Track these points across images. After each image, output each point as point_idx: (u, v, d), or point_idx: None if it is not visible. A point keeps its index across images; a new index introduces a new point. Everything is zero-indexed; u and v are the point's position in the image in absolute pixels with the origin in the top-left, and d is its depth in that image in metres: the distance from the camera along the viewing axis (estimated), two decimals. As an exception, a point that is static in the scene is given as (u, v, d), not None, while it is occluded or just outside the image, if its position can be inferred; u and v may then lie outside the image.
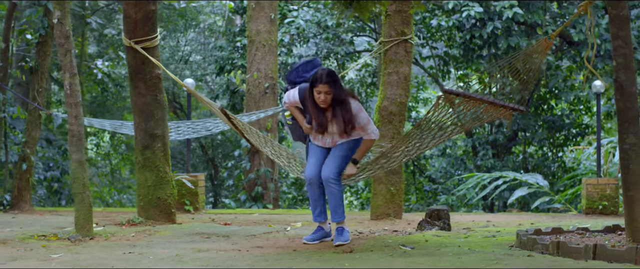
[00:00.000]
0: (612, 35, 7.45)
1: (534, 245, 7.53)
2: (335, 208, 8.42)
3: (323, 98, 8.14)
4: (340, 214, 8.44)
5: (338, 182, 8.38)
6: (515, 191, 16.53)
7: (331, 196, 8.40)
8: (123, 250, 8.11)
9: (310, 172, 8.51)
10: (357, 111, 8.31)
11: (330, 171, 8.39)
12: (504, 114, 8.07)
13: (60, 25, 9.11)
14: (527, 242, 7.67)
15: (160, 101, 10.94)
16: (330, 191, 8.39)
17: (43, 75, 14.32)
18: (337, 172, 8.41)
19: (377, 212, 12.57)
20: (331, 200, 8.42)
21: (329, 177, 8.37)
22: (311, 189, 8.55)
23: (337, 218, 8.44)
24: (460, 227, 11.14)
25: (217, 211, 15.12)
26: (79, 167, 9.27)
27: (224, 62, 23.07)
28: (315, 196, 8.55)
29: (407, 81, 12.47)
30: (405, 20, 12.43)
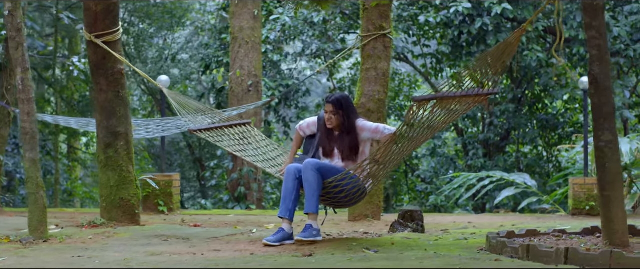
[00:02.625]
0: (586, 26, 7.05)
1: (504, 249, 7.10)
2: (308, 197, 8.09)
3: (328, 117, 8.41)
4: (312, 206, 8.08)
5: (316, 174, 8.03)
6: (502, 191, 16.10)
7: (306, 183, 8.10)
8: (72, 254, 7.74)
9: (292, 165, 8.32)
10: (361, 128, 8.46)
11: (312, 161, 8.15)
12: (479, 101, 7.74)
13: (11, 18, 8.70)
14: (497, 245, 7.24)
15: (122, 97, 10.53)
16: (306, 178, 8.09)
17: (12, 72, 13.88)
18: (320, 165, 8.14)
19: (355, 213, 12.18)
20: (306, 189, 8.10)
21: (309, 163, 8.10)
22: (287, 180, 8.26)
23: (308, 209, 8.10)
24: (438, 228, 10.74)
25: (192, 212, 14.73)
26: (32, 167, 8.87)
27: (210, 60, 22.68)
28: (289, 188, 8.23)
29: (385, 77, 12.06)
30: (384, 14, 12.03)
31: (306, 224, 8.14)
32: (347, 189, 8.18)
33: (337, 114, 8.38)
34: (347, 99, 8.47)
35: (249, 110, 17.47)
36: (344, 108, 8.40)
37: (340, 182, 8.11)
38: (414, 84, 27.22)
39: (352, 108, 8.48)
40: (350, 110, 8.45)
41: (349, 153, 8.42)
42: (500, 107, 21.35)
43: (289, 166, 8.30)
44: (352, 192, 8.25)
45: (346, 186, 8.16)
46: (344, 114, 8.40)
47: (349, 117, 8.43)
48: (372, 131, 8.42)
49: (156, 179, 13.89)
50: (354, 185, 8.19)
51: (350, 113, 8.44)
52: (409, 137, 7.88)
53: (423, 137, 8.00)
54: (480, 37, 19.50)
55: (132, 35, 27.70)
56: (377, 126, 8.47)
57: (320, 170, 8.09)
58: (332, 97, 8.48)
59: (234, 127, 9.43)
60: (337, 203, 8.49)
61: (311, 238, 8.04)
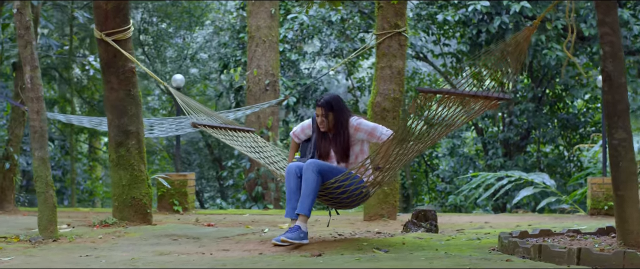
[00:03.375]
0: (599, 22, 6.90)
1: (515, 249, 6.97)
2: (302, 198, 7.89)
3: (320, 121, 8.25)
4: (305, 207, 7.87)
5: (317, 176, 7.88)
6: (521, 191, 15.94)
7: (304, 183, 7.90)
8: (81, 253, 7.67)
9: (292, 164, 8.14)
10: (356, 127, 8.27)
11: (315, 162, 7.98)
12: (489, 105, 7.58)
13: (20, 16, 8.63)
14: (508, 245, 7.11)
15: (134, 96, 10.46)
16: (305, 178, 7.90)
17: (25, 71, 13.82)
18: (322, 166, 7.97)
19: (370, 213, 12.08)
20: (303, 188, 7.91)
21: (311, 163, 7.93)
22: (288, 180, 8.09)
23: (301, 209, 7.89)
24: (454, 228, 10.63)
25: (207, 212, 14.66)
26: (42, 165, 8.81)
27: (228, 59, 22.61)
28: (292, 188, 8.05)
29: (401, 76, 11.95)
30: (399, 12, 11.93)
31: (294, 225, 7.90)
32: (350, 190, 8.04)
33: (328, 116, 8.22)
34: (337, 100, 8.29)
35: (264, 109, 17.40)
36: (334, 109, 8.22)
37: (343, 183, 7.98)
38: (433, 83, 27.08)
39: (343, 108, 8.28)
40: (342, 110, 8.25)
41: (343, 154, 8.27)
42: (520, 107, 21.19)
43: (289, 166, 8.13)
44: (355, 194, 8.11)
45: (349, 187, 8.01)
46: (335, 115, 8.22)
47: (341, 118, 8.24)
48: (369, 132, 8.24)
49: (170, 178, 13.83)
50: (357, 186, 8.05)
51: (342, 114, 8.25)
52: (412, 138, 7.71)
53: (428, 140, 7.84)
54: (499, 35, 19.35)
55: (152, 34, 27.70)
56: (374, 127, 8.27)
57: (322, 171, 7.93)
58: (321, 99, 8.29)
59: (238, 131, 9.34)
60: (339, 204, 8.34)
61: (297, 241, 7.78)
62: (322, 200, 8.28)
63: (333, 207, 8.53)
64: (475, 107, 7.60)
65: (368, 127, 8.25)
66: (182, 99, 9.69)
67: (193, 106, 9.77)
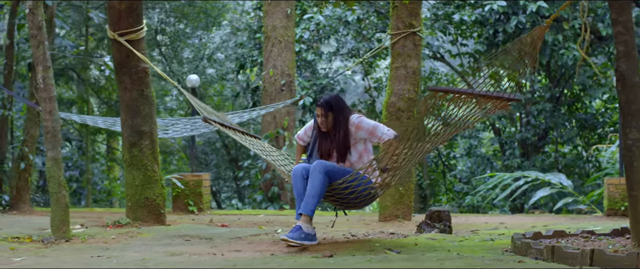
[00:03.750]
0: (612, 21, 6.84)
1: (528, 250, 6.92)
2: (307, 197, 7.83)
3: (320, 121, 8.19)
4: (309, 207, 7.79)
5: (324, 177, 7.83)
6: (537, 191, 15.84)
7: (310, 184, 7.84)
8: (92, 253, 7.67)
9: (298, 166, 8.10)
10: (357, 126, 8.17)
11: (322, 163, 7.92)
12: (500, 106, 7.52)
13: (32, 16, 8.63)
14: (521, 247, 7.06)
15: (147, 96, 10.46)
16: (312, 178, 7.84)
17: (41, 71, 13.84)
18: (329, 168, 7.89)
19: (386, 213, 12.04)
20: (309, 188, 7.84)
21: (318, 164, 7.87)
22: (295, 182, 8.04)
23: (304, 209, 7.82)
24: (469, 229, 10.57)
25: (222, 212, 14.64)
26: (54, 166, 8.81)
27: (244, 59, 22.59)
28: (299, 189, 8.00)
29: (416, 76, 11.91)
30: (413, 12, 11.89)
31: (296, 225, 7.83)
32: (358, 191, 7.98)
33: (328, 116, 8.16)
34: (336, 99, 8.22)
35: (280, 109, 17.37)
36: (334, 109, 8.15)
37: (351, 183, 7.92)
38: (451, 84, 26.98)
39: (344, 107, 8.20)
40: (341, 110, 8.18)
41: (343, 153, 8.19)
42: (537, 107, 21.07)
43: (295, 168, 8.09)
44: (363, 194, 8.05)
45: (357, 188, 7.95)
46: (334, 115, 8.16)
47: (340, 117, 8.17)
48: (369, 131, 8.15)
49: (185, 178, 13.82)
50: (365, 186, 7.99)
51: (341, 113, 8.17)
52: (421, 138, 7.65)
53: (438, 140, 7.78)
54: (516, 35, 19.24)
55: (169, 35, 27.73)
56: (375, 126, 8.15)
57: (329, 173, 7.87)
58: (321, 99, 8.23)
59: (245, 135, 9.32)
60: (346, 204, 8.28)
61: (299, 241, 7.71)
62: (329, 201, 8.25)
63: (340, 207, 8.49)
64: (486, 107, 7.55)
65: (369, 126, 8.15)
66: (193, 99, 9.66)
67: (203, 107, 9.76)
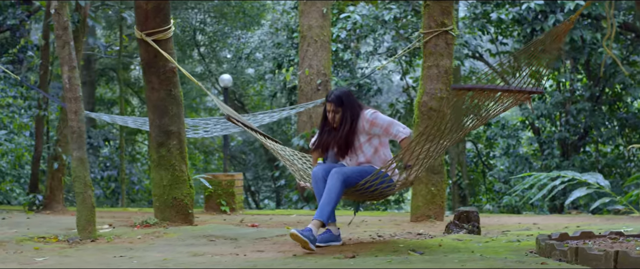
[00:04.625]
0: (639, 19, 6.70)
1: (552, 251, 6.80)
2: (322, 204, 7.74)
3: (331, 116, 8.10)
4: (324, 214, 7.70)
5: (340, 183, 7.75)
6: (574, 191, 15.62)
7: (327, 191, 7.75)
8: (115, 253, 7.67)
9: (317, 168, 8.02)
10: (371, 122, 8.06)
11: (340, 170, 7.83)
12: (522, 98, 7.44)
13: (57, 16, 8.65)
14: (545, 248, 6.94)
15: (175, 96, 10.44)
16: (329, 186, 7.75)
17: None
18: (348, 175, 7.83)
19: (417, 213, 11.93)
20: (325, 195, 7.75)
21: (335, 172, 7.79)
22: (316, 185, 7.97)
23: (319, 215, 7.72)
24: (501, 230, 10.44)
25: (254, 212, 14.61)
26: (80, 166, 8.81)
27: (282, 59, 22.57)
28: (320, 192, 7.92)
29: (448, 75, 11.80)
30: (446, 10, 11.78)
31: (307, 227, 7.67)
32: (382, 188, 7.94)
33: (339, 111, 8.05)
34: (347, 94, 8.10)
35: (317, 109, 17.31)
36: (345, 104, 8.04)
37: (374, 182, 7.85)
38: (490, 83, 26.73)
39: (354, 103, 8.09)
40: (352, 105, 8.07)
41: (344, 149, 8.10)
42: (576, 106, 20.84)
43: (314, 170, 8.00)
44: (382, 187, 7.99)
45: (380, 185, 7.90)
46: (344, 110, 8.04)
47: (351, 112, 8.05)
48: (384, 128, 8.03)
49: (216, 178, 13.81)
50: (388, 184, 7.95)
51: (352, 108, 8.06)
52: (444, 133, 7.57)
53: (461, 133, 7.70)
54: (554, 34, 19.03)
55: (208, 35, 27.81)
56: (390, 123, 8.03)
57: (347, 180, 7.79)
58: (331, 94, 8.10)
59: (267, 138, 9.26)
60: (367, 197, 8.25)
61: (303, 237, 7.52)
62: (347, 196, 8.19)
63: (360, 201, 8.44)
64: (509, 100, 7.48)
65: (384, 122, 8.03)
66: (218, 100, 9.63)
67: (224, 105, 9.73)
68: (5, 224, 10.52)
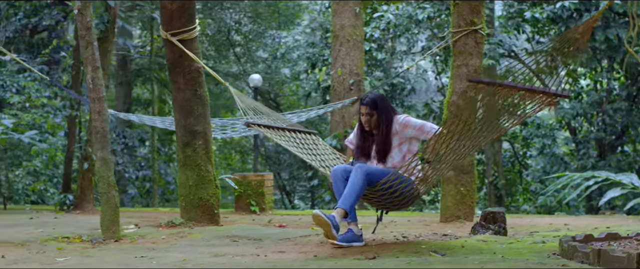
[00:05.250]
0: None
1: (574, 253, 6.69)
2: (346, 194, 7.69)
3: (364, 119, 8.09)
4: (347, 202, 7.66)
5: (364, 178, 7.69)
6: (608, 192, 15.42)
7: (350, 183, 7.71)
8: (136, 254, 7.66)
9: (337, 167, 7.97)
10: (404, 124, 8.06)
11: (364, 166, 7.78)
12: (547, 101, 7.29)
13: (81, 16, 8.66)
14: (568, 250, 6.83)
15: (200, 96, 10.42)
16: (352, 180, 7.71)
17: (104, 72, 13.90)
18: (370, 171, 7.76)
19: (447, 214, 11.83)
20: (348, 186, 7.70)
21: (360, 167, 7.74)
22: (335, 185, 7.92)
23: (342, 203, 7.68)
24: (531, 230, 10.32)
25: (284, 212, 14.56)
26: (103, 166, 8.82)
27: (316, 58, 22.53)
28: (340, 190, 7.87)
29: (477, 74, 11.68)
30: (475, 9, 11.68)
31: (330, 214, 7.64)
32: (401, 188, 7.84)
33: (373, 115, 8.05)
34: (382, 98, 8.10)
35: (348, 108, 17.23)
36: (379, 108, 8.04)
37: (394, 182, 7.78)
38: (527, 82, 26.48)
39: (388, 106, 8.09)
40: (386, 109, 8.06)
41: (384, 153, 8.07)
42: (613, 105, 20.60)
43: (335, 168, 7.96)
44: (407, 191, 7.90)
45: (400, 186, 7.82)
46: (379, 114, 8.04)
47: (386, 116, 8.05)
48: (417, 129, 8.03)
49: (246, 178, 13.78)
50: (407, 183, 7.86)
51: (386, 112, 8.06)
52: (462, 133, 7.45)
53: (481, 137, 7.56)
54: (589, 32, 18.80)
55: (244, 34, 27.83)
56: (423, 124, 8.06)
57: (369, 176, 7.73)
58: (366, 98, 8.10)
59: (297, 132, 9.19)
60: (390, 204, 8.14)
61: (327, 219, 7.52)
62: (373, 203, 8.12)
63: (384, 209, 8.34)
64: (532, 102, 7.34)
65: (416, 123, 8.05)
66: (242, 100, 9.57)
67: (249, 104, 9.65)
68: (33, 224, 10.55)
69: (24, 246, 8.32)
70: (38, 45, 20.20)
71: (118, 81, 26.44)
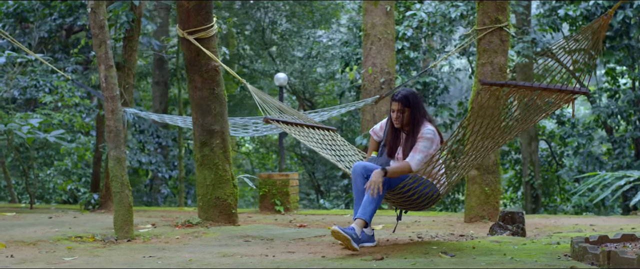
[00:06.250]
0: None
1: (585, 255, 6.55)
2: (365, 202, 7.58)
3: (395, 116, 7.89)
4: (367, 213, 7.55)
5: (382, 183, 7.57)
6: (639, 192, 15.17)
7: None
8: (145, 254, 7.60)
9: (358, 164, 7.83)
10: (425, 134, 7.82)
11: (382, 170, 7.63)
12: (564, 99, 7.16)
13: (94, 15, 8.62)
14: (578, 251, 6.69)
15: (218, 94, 10.35)
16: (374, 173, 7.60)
17: (129, 71, 13.95)
18: None
19: (471, 214, 11.67)
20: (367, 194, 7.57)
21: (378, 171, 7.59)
22: (354, 181, 7.80)
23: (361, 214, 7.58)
24: (553, 231, 10.16)
25: (308, 212, 14.43)
26: (117, 165, 8.78)
27: (349, 57, 22.40)
28: (359, 188, 7.77)
29: (503, 72, 11.52)
30: (500, 6, 11.50)
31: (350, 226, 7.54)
32: (420, 190, 7.71)
33: (405, 112, 7.85)
34: (414, 95, 7.89)
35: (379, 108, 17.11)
36: (411, 105, 7.84)
37: (412, 185, 7.64)
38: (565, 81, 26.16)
39: (420, 105, 7.89)
40: (418, 107, 7.87)
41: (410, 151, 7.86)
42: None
43: (355, 166, 7.81)
44: (428, 195, 7.77)
45: (418, 188, 7.69)
46: (411, 111, 7.84)
47: (417, 114, 7.86)
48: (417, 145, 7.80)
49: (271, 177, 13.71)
50: (426, 186, 7.71)
51: (418, 110, 7.87)
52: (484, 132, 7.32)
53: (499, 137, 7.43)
54: (623, 30, 18.55)
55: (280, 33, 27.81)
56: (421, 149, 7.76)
57: (389, 181, 7.63)
58: (398, 94, 7.89)
59: (316, 129, 9.10)
60: (409, 205, 8.01)
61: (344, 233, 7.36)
62: (391, 202, 8.00)
63: (402, 208, 8.21)
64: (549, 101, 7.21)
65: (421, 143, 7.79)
66: (261, 97, 9.47)
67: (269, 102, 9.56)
68: (50, 224, 10.54)
69: (36, 246, 8.30)
70: (74, 46, 20.31)
71: (154, 80, 26.51)
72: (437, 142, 7.82)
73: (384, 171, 7.54)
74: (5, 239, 8.60)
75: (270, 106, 9.43)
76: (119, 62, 13.83)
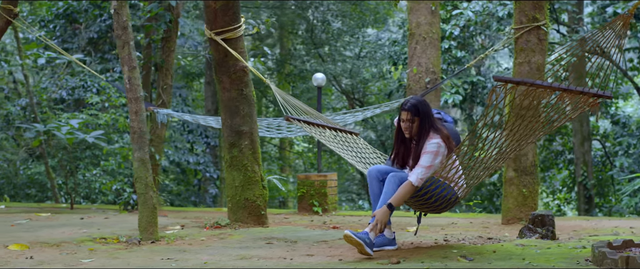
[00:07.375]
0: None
1: (604, 260, 6.37)
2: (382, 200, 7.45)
3: (405, 126, 7.69)
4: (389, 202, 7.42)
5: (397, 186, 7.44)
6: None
7: (384, 194, 7.48)
8: (165, 255, 7.57)
9: (373, 168, 7.74)
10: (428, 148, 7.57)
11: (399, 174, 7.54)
12: (588, 103, 6.96)
13: (117, 16, 8.60)
14: (598, 256, 6.50)
15: (246, 95, 10.29)
16: (386, 189, 7.48)
17: (168, 71, 13.96)
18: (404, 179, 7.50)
19: (508, 216, 11.51)
20: (382, 199, 7.47)
21: (393, 175, 7.51)
22: (370, 182, 7.72)
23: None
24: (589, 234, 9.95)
25: (346, 213, 14.33)
26: (141, 167, 8.75)
27: (397, 57, 22.26)
28: (375, 192, 7.68)
29: (540, 72, 11.33)
30: (538, 5, 11.33)
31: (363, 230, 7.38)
32: (437, 193, 7.55)
33: (415, 121, 7.62)
34: (424, 104, 7.65)
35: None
36: (421, 114, 7.60)
37: (429, 188, 7.49)
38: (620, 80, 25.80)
39: (430, 113, 7.65)
40: (428, 116, 7.63)
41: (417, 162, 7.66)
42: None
43: (370, 170, 7.71)
44: (447, 198, 7.62)
45: (436, 191, 7.53)
46: (421, 121, 7.61)
47: (426, 124, 7.62)
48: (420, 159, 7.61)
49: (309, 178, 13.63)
50: (444, 188, 7.55)
51: (428, 119, 7.63)
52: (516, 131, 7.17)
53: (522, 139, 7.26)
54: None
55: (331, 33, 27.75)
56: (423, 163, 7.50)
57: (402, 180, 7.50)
58: (407, 103, 7.65)
59: (338, 131, 8.99)
60: (427, 208, 7.86)
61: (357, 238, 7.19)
62: (409, 204, 7.86)
63: (422, 211, 8.07)
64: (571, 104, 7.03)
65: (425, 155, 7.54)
66: (283, 97, 9.39)
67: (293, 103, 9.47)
68: (80, 224, 10.56)
69: (58, 247, 8.30)
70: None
71: (206, 80, 26.63)
72: (442, 153, 7.57)
73: (389, 207, 7.41)
74: (30, 240, 8.61)
75: (292, 107, 9.34)
76: (157, 62, 13.85)
